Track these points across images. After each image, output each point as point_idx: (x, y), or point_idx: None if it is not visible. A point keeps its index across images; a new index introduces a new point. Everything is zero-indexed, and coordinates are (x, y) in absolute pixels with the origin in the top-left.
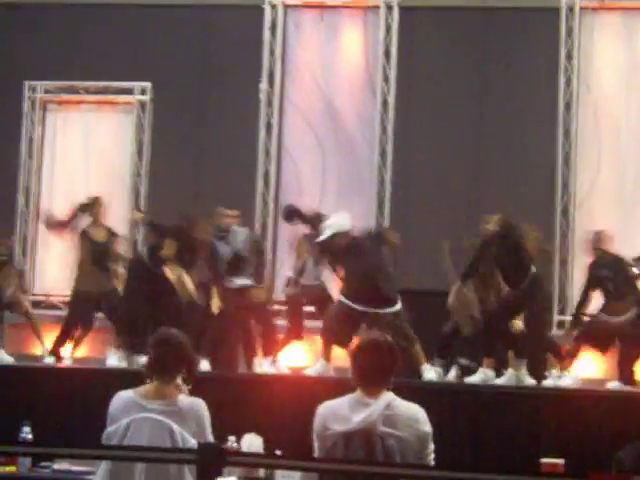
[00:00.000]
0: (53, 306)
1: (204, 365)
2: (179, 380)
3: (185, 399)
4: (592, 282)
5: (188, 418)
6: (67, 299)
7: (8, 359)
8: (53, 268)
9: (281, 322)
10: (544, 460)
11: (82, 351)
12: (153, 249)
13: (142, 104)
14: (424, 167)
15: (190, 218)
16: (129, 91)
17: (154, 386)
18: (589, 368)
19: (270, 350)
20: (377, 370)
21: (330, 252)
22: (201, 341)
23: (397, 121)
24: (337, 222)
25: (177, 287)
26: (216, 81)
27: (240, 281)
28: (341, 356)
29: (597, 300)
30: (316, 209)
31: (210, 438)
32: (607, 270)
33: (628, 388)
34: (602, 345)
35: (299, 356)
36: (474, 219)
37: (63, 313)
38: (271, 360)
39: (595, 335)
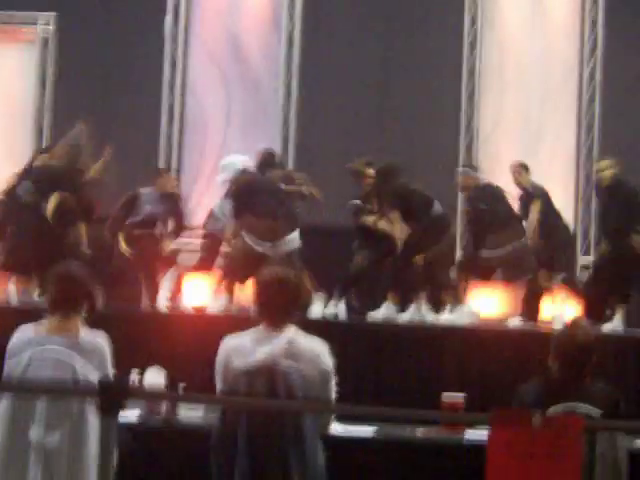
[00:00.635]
0: None
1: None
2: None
3: (87, 333)
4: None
5: (90, 352)
6: None
7: None
8: None
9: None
10: (445, 394)
11: None
12: None
13: (46, 36)
14: (328, 103)
15: None
16: (33, 22)
17: (55, 321)
18: (491, 305)
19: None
20: (280, 305)
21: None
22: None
23: (302, 57)
24: (232, 162)
25: None
26: (121, 14)
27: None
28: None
29: None
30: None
31: (111, 372)
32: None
33: (530, 324)
34: (483, 276)
35: (201, 293)
36: (377, 159)
37: None
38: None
39: (475, 267)
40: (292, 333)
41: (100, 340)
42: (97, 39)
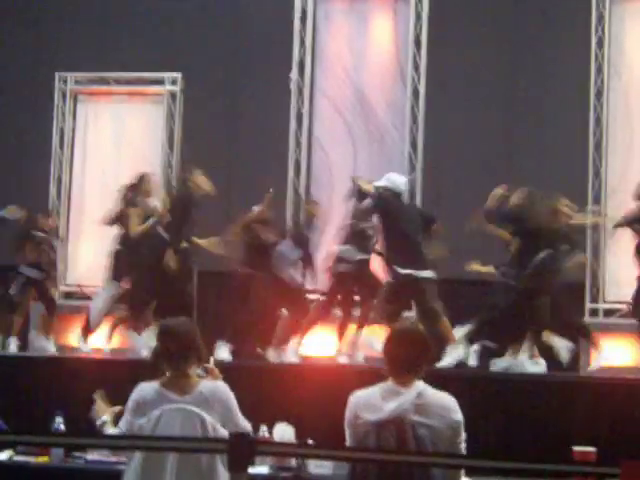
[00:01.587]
0: (85, 297)
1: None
2: (211, 366)
3: (207, 384)
4: None
5: (214, 404)
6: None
7: (51, 349)
8: (85, 260)
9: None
10: (576, 448)
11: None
12: None
13: (173, 95)
14: (455, 156)
15: None
16: (160, 82)
17: (173, 376)
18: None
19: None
20: (409, 359)
21: (380, 208)
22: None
23: (427, 110)
24: (392, 179)
25: None
26: (247, 71)
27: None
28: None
29: None
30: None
31: (240, 420)
32: None
33: None
34: None
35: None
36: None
37: None
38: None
39: None
40: (421, 387)
41: (223, 391)
42: (222, 96)
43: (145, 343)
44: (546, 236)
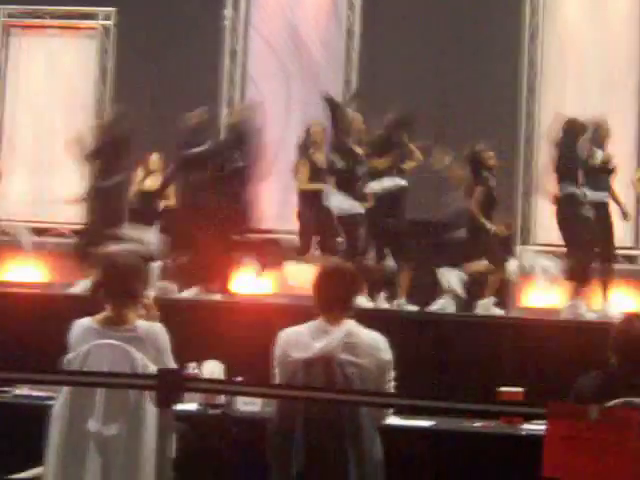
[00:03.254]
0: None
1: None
2: (149, 302)
3: (144, 324)
4: None
5: (147, 343)
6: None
7: None
8: (16, 195)
9: None
10: (503, 388)
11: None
12: None
13: (106, 29)
14: (389, 97)
15: None
16: (93, 16)
17: (111, 312)
18: None
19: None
20: (338, 297)
21: None
22: None
23: (362, 49)
24: None
25: None
26: (180, 7)
27: None
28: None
29: None
30: None
31: (171, 364)
32: None
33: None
34: None
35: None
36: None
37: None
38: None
39: None
40: (350, 326)
41: (158, 332)
42: (156, 32)
43: None
44: None
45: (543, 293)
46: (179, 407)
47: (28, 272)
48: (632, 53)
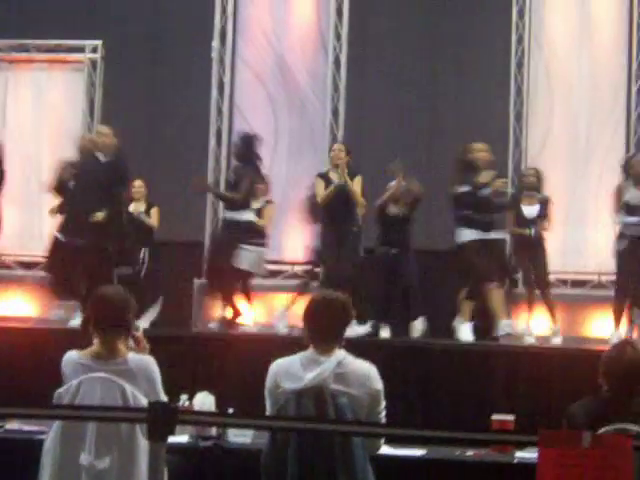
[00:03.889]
0: (5, 266)
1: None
2: (140, 335)
3: (134, 357)
4: None
5: (139, 376)
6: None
7: None
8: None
9: None
10: (495, 416)
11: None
12: None
13: (93, 62)
14: (376, 128)
15: None
16: (80, 49)
17: (101, 345)
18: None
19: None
20: (329, 328)
21: None
22: None
23: (349, 79)
24: None
25: None
26: (168, 39)
27: None
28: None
29: None
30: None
31: (162, 396)
32: None
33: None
34: None
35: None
36: (427, 180)
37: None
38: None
39: None
40: (341, 356)
41: (149, 364)
42: (144, 65)
43: None
44: None
45: None
46: (171, 439)
47: (18, 305)
48: (619, 79)
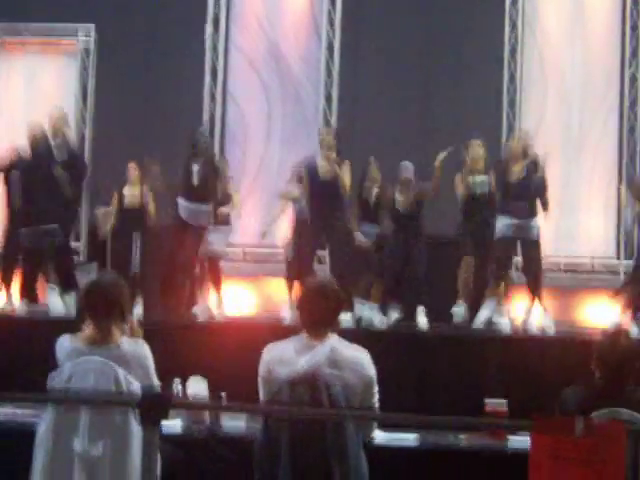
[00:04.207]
0: None
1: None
2: (134, 322)
3: (128, 342)
4: None
5: (132, 361)
6: None
7: None
8: None
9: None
10: (487, 401)
11: None
12: None
13: (86, 48)
14: (369, 112)
15: None
16: (73, 33)
17: (95, 331)
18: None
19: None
20: (322, 313)
21: None
22: None
23: (342, 65)
24: None
25: None
26: (161, 25)
27: None
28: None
29: None
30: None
31: (155, 381)
32: None
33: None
34: None
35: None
36: (420, 165)
37: None
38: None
39: None
40: (334, 342)
41: (142, 350)
42: (137, 50)
43: None
44: None
45: None
46: (165, 426)
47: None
48: (612, 66)
